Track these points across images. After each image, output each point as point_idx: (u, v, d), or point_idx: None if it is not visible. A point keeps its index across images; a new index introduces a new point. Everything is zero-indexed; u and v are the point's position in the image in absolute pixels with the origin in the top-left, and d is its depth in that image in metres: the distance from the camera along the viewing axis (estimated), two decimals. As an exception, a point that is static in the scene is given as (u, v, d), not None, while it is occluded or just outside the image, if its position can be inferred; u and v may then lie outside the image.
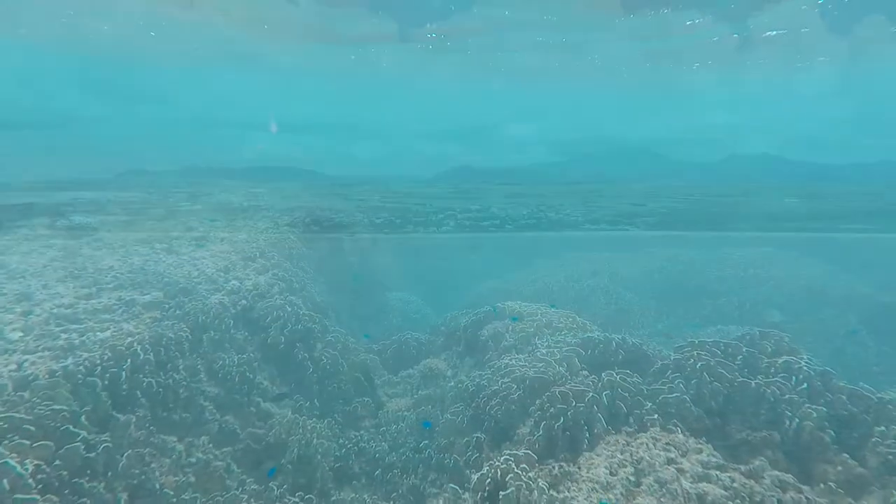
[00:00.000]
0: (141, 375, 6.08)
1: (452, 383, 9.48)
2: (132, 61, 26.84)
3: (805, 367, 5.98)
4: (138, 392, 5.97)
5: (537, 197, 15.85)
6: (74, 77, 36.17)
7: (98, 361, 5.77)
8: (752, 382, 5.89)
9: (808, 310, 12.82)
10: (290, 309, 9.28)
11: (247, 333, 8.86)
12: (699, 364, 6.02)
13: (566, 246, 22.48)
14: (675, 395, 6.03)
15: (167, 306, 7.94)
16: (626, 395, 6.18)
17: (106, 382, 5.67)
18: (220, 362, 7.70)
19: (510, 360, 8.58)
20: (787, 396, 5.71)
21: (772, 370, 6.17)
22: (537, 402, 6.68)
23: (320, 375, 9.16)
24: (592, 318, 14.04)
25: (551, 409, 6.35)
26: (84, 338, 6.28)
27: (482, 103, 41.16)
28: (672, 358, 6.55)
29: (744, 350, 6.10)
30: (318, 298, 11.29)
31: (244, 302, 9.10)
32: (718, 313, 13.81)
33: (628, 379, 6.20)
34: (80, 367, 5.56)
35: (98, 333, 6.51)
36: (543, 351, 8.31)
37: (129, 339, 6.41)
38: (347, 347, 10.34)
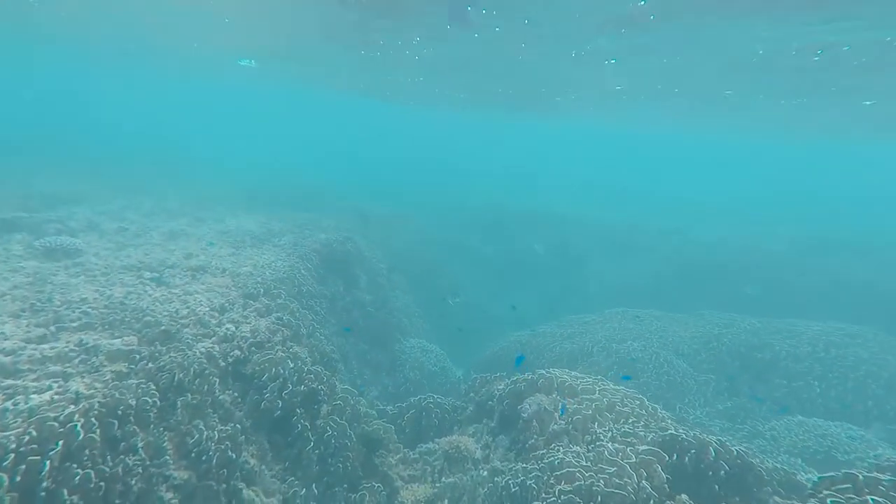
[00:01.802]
0: (75, 465, 4.36)
1: (486, 473, 7.54)
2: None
3: None
4: (65, 490, 4.24)
5: None
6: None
7: (12, 446, 4.09)
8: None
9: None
10: (292, 364, 7.57)
11: (236, 394, 7.12)
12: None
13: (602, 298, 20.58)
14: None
15: (138, 356, 6.29)
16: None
17: (17, 479, 3.97)
18: (196, 436, 5.95)
19: (564, 454, 6.68)
20: None
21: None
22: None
23: (322, 452, 7.33)
24: (640, 391, 12.08)
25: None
26: (8, 404, 4.63)
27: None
28: (820, 495, 4.59)
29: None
30: (327, 347, 9.56)
31: (237, 353, 7.43)
32: (795, 399, 11.64)
33: (766, 528, 4.28)
34: (-20, 460, 3.88)
35: (32, 397, 4.85)
36: (611, 448, 6.41)
37: (71, 408, 4.73)
38: (357, 413, 8.51)
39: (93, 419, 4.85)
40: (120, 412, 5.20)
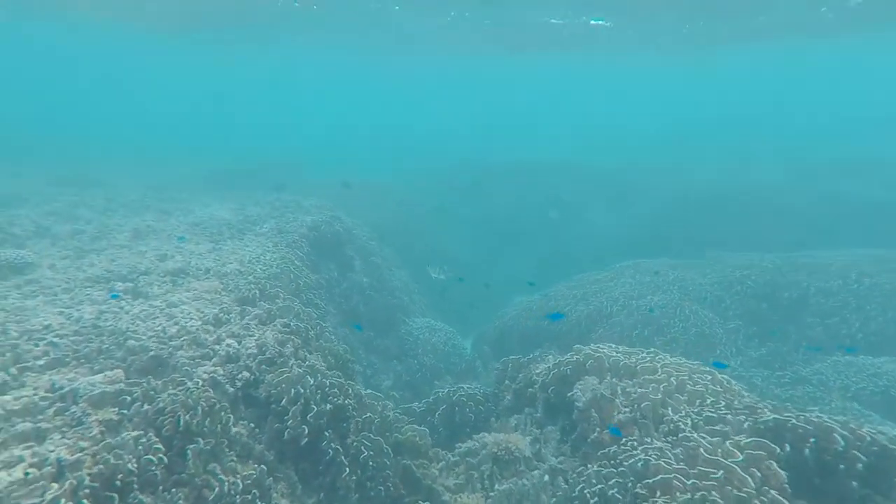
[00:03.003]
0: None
1: (547, 477, 6.73)
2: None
3: None
4: None
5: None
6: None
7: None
8: None
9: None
10: (312, 381, 6.42)
11: (252, 424, 5.98)
12: None
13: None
14: None
15: (129, 398, 5.03)
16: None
17: None
18: (217, 489, 4.82)
19: (645, 452, 5.81)
20: None
21: None
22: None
23: (360, 477, 6.33)
24: (669, 348, 11.50)
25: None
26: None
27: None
28: None
29: None
30: (339, 348, 8.40)
31: (246, 374, 6.22)
32: (832, 337, 11.18)
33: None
34: None
35: (-9, 490, 3.60)
36: (706, 443, 5.55)
37: (54, 487, 3.54)
38: (386, 420, 7.50)
39: (84, 501, 3.66)
40: (119, 481, 4.01)
